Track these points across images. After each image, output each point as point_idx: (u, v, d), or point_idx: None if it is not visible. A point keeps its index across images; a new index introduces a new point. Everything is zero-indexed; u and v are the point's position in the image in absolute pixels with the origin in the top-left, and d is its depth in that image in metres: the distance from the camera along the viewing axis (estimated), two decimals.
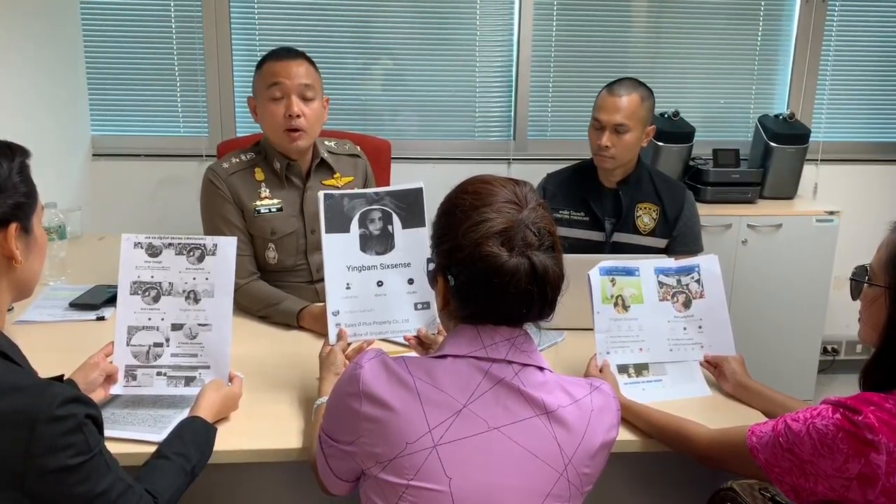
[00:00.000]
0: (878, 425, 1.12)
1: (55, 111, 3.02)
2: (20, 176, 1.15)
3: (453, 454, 1.09)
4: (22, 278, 1.19)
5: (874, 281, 1.27)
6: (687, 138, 3.23)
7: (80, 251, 2.59)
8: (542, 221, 1.13)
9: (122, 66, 3.27)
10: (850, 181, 3.62)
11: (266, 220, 2.09)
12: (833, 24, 3.53)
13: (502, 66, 3.44)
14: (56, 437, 1.03)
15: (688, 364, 1.72)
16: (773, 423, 1.27)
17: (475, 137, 3.51)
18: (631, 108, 2.30)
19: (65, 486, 1.05)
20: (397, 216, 1.62)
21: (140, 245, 1.54)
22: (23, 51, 2.75)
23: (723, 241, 3.13)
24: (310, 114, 2.05)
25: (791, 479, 1.22)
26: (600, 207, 2.41)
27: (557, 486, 1.12)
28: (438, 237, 1.19)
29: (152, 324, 1.53)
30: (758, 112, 3.51)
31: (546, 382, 1.15)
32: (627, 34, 3.48)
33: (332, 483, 1.23)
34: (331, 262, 1.59)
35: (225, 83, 3.30)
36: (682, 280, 1.74)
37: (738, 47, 3.53)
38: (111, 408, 1.50)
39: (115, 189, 3.30)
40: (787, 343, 3.27)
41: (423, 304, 1.63)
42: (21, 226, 1.16)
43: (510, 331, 1.15)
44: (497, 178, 1.19)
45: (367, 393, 1.12)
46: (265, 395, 1.61)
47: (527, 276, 1.09)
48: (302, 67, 2.05)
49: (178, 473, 1.26)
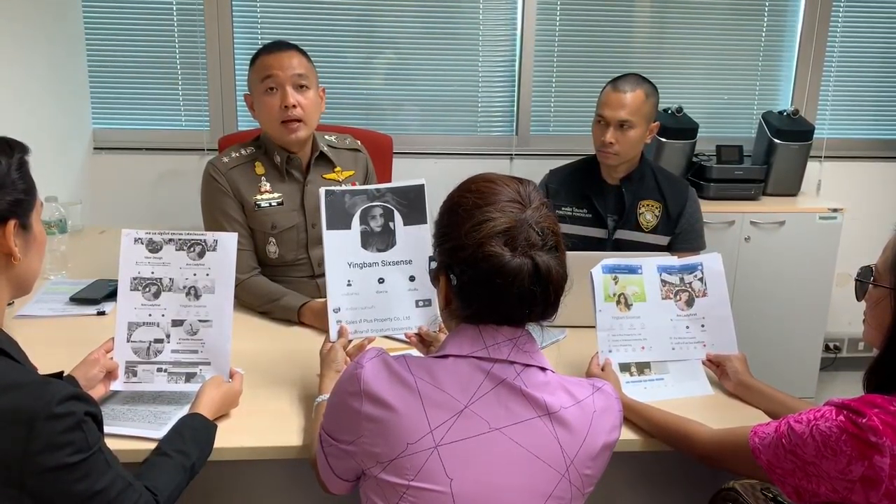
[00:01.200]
0: (882, 428, 1.12)
1: (56, 104, 3.01)
2: (19, 172, 1.15)
3: (454, 455, 1.08)
4: (21, 275, 1.19)
5: (879, 282, 1.26)
6: (690, 134, 3.22)
7: (81, 245, 2.58)
8: (545, 221, 1.12)
9: (124, 59, 3.26)
10: (854, 178, 3.61)
11: (266, 214, 2.09)
12: (838, 19, 3.51)
13: (505, 61, 3.43)
14: (55, 435, 1.02)
15: (690, 363, 1.71)
16: (775, 424, 1.26)
17: (477, 132, 3.50)
18: (635, 104, 2.29)
19: (64, 483, 1.04)
20: (399, 213, 1.61)
21: (140, 241, 1.53)
22: (24, 44, 2.74)
23: (726, 237, 3.12)
24: (306, 103, 2.05)
25: (793, 481, 1.21)
26: (603, 204, 2.40)
27: (559, 487, 1.11)
28: (441, 236, 1.18)
29: (153, 320, 1.53)
30: (762, 108, 3.50)
31: (548, 383, 1.14)
32: (631, 29, 3.47)
33: (333, 482, 1.22)
34: (332, 258, 1.58)
35: (226, 77, 3.29)
36: (685, 278, 1.74)
37: (742, 43, 3.51)
38: (111, 404, 1.50)
39: (116, 182, 3.30)
40: (789, 340, 3.26)
41: (425, 301, 1.62)
42: (20, 223, 1.15)
43: (512, 331, 1.14)
44: (500, 176, 1.18)
45: (367, 392, 1.11)
46: (266, 391, 1.61)
47: (530, 277, 1.08)
48: (294, 59, 2.05)
49: (178, 470, 1.26)
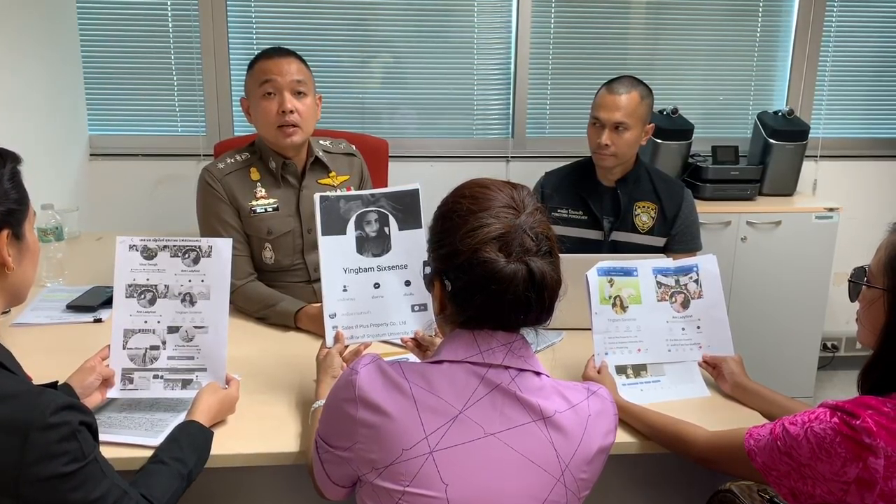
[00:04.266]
0: (877, 429, 1.12)
1: (52, 111, 3.01)
2: (11, 182, 1.15)
3: (450, 460, 1.08)
4: (14, 285, 1.19)
5: (873, 283, 1.26)
6: (686, 135, 3.22)
7: (77, 251, 2.58)
8: (539, 226, 1.12)
9: (120, 65, 3.26)
10: (849, 177, 3.61)
11: (262, 219, 2.09)
12: (832, 19, 3.52)
13: (501, 64, 3.43)
14: (50, 445, 1.02)
15: (686, 364, 1.71)
16: (770, 427, 1.26)
17: (473, 135, 3.50)
18: (630, 106, 2.29)
19: (59, 493, 1.04)
20: (394, 218, 1.61)
21: (135, 247, 1.53)
22: (20, 51, 2.74)
23: (722, 238, 3.13)
24: (303, 109, 2.05)
25: (789, 483, 1.21)
26: (599, 206, 2.40)
27: (554, 491, 1.11)
28: (436, 242, 1.18)
29: (148, 327, 1.53)
30: (757, 108, 3.50)
31: (543, 387, 1.14)
32: (626, 31, 3.47)
33: (329, 488, 1.22)
34: (327, 264, 1.58)
35: (222, 82, 3.29)
36: (681, 280, 1.74)
37: (737, 43, 3.52)
38: (107, 411, 1.50)
39: (112, 189, 3.30)
40: (786, 340, 3.26)
41: (420, 305, 1.62)
42: (13, 232, 1.15)
43: (507, 336, 1.14)
44: (494, 181, 1.18)
45: (363, 398, 1.11)
46: (262, 397, 1.60)
47: (524, 282, 1.08)
48: (293, 65, 2.06)
49: (175, 478, 1.26)
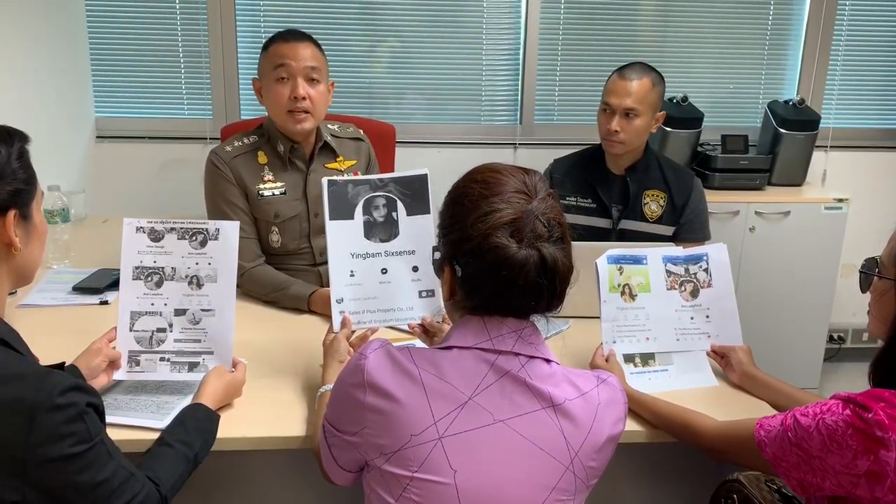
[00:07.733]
0: (889, 422, 1.11)
1: (59, 93, 3.00)
2: (19, 162, 1.14)
3: (458, 447, 1.08)
4: (22, 265, 1.18)
5: (884, 273, 1.25)
6: (695, 124, 3.20)
7: (83, 234, 2.58)
8: (551, 212, 1.11)
9: (126, 47, 3.25)
10: (859, 168, 3.59)
11: (269, 203, 2.08)
12: (845, 8, 3.49)
13: (509, 50, 3.41)
14: (57, 426, 1.02)
15: (695, 354, 1.70)
16: (781, 417, 1.25)
17: (481, 122, 3.48)
18: (642, 92, 2.27)
19: (66, 474, 1.04)
20: (402, 203, 1.60)
21: (142, 229, 1.52)
22: (26, 33, 2.73)
23: (730, 227, 3.11)
24: (315, 96, 2.04)
25: (798, 474, 1.21)
26: (607, 194, 2.39)
27: (563, 479, 1.11)
28: (446, 227, 1.17)
29: (155, 309, 1.52)
30: (767, 98, 3.47)
31: (553, 375, 1.13)
32: (636, 17, 3.44)
33: (336, 473, 1.22)
34: (335, 249, 1.57)
35: (229, 65, 3.27)
36: (691, 269, 1.72)
37: (747, 32, 3.49)
38: (114, 393, 1.50)
39: (119, 171, 3.29)
40: (793, 331, 3.26)
41: (428, 291, 1.61)
42: (20, 212, 1.14)
43: (517, 322, 1.13)
44: (506, 166, 1.17)
45: (371, 384, 1.11)
46: (269, 381, 1.60)
47: (536, 269, 1.07)
48: (309, 50, 2.04)
49: (181, 461, 1.26)
